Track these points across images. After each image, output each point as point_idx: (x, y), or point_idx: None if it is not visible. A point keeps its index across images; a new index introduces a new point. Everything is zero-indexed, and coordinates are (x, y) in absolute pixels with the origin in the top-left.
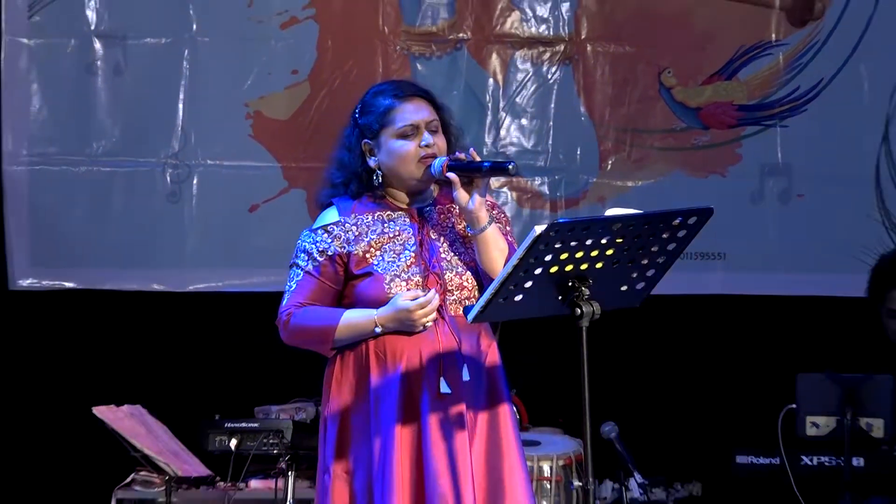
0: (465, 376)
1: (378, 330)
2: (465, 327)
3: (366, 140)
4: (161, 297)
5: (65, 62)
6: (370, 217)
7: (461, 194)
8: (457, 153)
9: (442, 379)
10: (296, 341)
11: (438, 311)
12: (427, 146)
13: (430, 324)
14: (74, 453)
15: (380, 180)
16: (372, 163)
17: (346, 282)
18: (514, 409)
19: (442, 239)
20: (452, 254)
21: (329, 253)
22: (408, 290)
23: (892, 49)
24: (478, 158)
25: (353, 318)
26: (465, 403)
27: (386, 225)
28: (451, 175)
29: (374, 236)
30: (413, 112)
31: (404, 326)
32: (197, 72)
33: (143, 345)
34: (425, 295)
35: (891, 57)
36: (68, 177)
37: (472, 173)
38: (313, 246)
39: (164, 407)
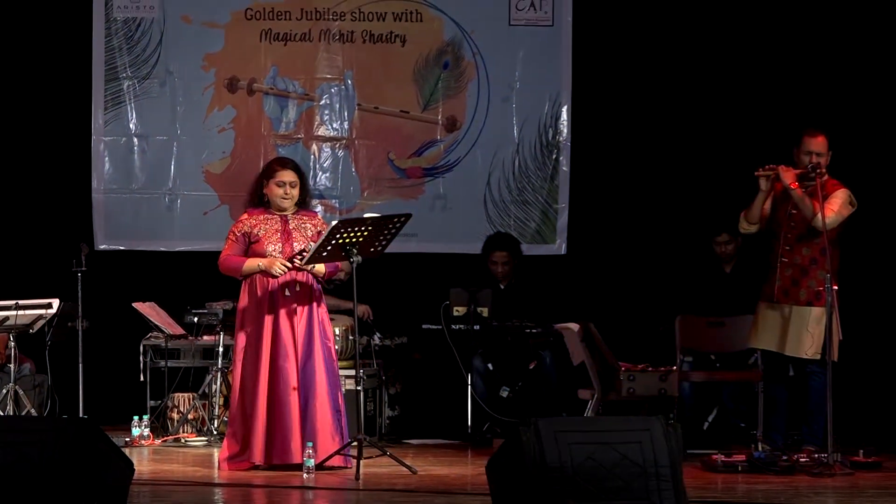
0: (294, 290)
1: (261, 267)
2: (302, 271)
3: (265, 179)
4: (162, 253)
5: (120, 147)
6: (261, 216)
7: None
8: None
9: (286, 288)
10: (226, 272)
11: (290, 262)
12: (286, 195)
13: (278, 273)
14: (125, 326)
15: (266, 200)
16: (265, 191)
17: (248, 244)
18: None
19: (295, 230)
20: (300, 236)
21: (244, 231)
22: (274, 253)
23: (489, 145)
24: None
25: (251, 262)
26: (297, 302)
27: (269, 221)
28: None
29: (263, 224)
30: (287, 176)
31: (269, 271)
32: (180, 152)
33: (155, 274)
34: (279, 261)
35: (488, 149)
36: (121, 200)
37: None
38: (237, 227)
39: (165, 302)
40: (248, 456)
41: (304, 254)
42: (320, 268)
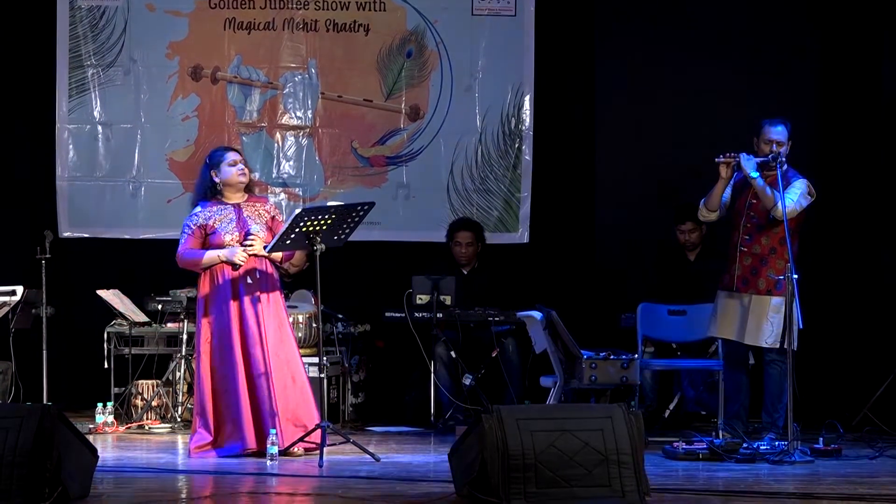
0: (255, 277)
1: (222, 259)
2: (260, 259)
3: (213, 169)
4: (126, 241)
5: (84, 135)
6: (214, 208)
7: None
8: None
9: (247, 276)
10: (186, 266)
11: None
12: (242, 170)
13: (241, 262)
14: (88, 313)
15: (219, 188)
16: (216, 180)
17: (205, 237)
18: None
19: (249, 217)
20: (254, 223)
21: (199, 224)
22: (232, 243)
23: (452, 134)
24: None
25: (211, 254)
26: (259, 290)
27: (222, 212)
28: (273, 254)
29: (217, 216)
30: (235, 155)
31: (230, 261)
32: (144, 139)
33: (118, 261)
34: (240, 251)
35: (451, 138)
36: (85, 187)
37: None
38: (191, 221)
39: (128, 289)
40: (228, 441)
41: (253, 237)
42: (277, 254)
